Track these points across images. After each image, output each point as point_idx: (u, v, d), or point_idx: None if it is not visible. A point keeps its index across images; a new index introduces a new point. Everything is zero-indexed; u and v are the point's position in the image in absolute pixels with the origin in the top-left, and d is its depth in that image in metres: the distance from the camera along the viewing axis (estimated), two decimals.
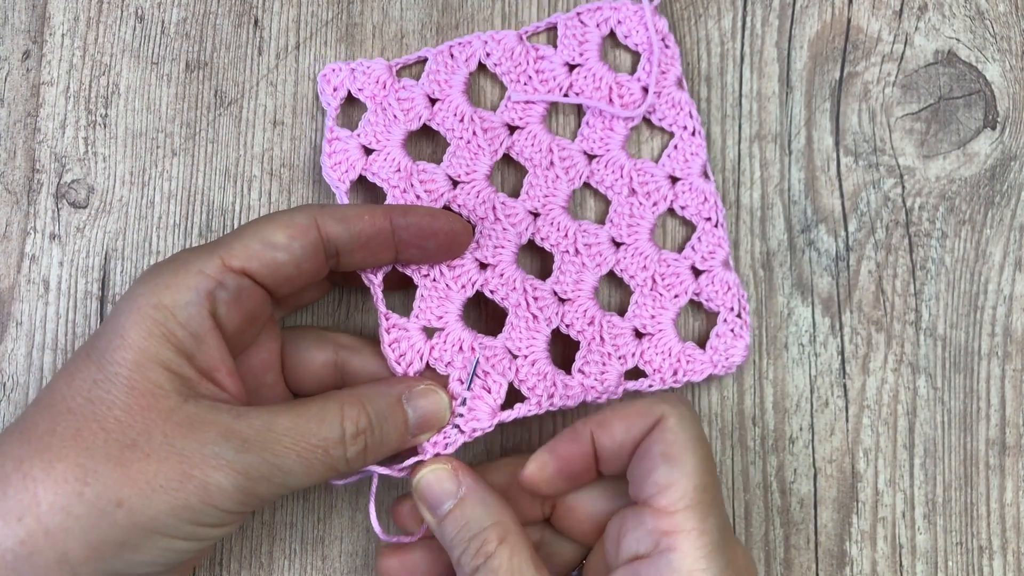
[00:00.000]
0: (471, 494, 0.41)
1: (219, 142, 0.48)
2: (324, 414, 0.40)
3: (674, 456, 0.39)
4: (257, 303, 0.41)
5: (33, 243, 0.48)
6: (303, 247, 0.41)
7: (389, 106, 0.46)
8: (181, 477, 0.37)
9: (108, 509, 0.37)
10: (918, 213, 0.48)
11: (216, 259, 0.40)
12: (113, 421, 0.38)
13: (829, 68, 0.48)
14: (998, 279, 0.47)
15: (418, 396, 0.43)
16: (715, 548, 0.38)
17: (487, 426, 0.44)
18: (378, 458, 0.41)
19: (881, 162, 0.48)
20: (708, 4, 0.48)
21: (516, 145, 0.47)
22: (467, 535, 0.40)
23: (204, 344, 0.39)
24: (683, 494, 0.38)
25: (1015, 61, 0.48)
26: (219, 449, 0.38)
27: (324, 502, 0.47)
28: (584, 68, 0.47)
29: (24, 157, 0.48)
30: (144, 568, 0.38)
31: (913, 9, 0.48)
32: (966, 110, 0.48)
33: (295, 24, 0.48)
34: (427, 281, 0.45)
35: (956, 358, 0.47)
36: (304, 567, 0.47)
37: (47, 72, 0.48)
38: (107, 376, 0.38)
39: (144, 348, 0.38)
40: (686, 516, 0.38)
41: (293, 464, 0.39)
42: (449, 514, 0.41)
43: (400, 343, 0.44)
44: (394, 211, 0.43)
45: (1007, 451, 0.47)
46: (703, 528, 0.38)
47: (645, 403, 0.40)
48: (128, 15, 0.48)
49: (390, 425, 0.41)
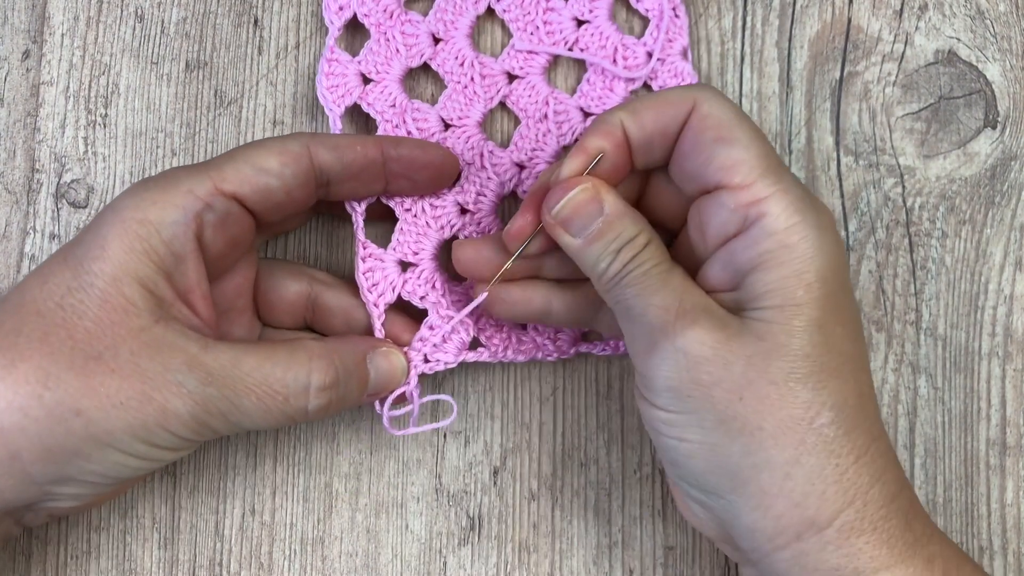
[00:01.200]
0: (616, 212, 0.39)
1: (219, 142, 0.48)
2: (291, 362, 0.40)
3: (727, 136, 0.38)
4: (243, 229, 0.41)
5: (33, 243, 0.48)
6: (295, 174, 0.41)
7: (393, 38, 0.47)
8: (141, 397, 0.38)
9: (66, 416, 0.37)
10: (918, 213, 0.48)
11: (208, 181, 0.40)
12: (82, 331, 0.38)
13: (829, 68, 0.48)
14: (998, 279, 0.47)
15: (380, 357, 0.43)
16: (801, 201, 0.37)
17: (452, 360, 0.45)
18: (335, 414, 0.42)
19: (881, 162, 0.48)
20: (708, 4, 0.48)
21: (513, 94, 0.47)
22: (616, 247, 0.39)
23: (184, 265, 0.40)
24: (752, 165, 0.37)
25: (1015, 61, 0.48)
26: (182, 377, 0.38)
27: (324, 502, 0.47)
28: (592, 25, 0.47)
29: (24, 157, 0.48)
30: (94, 477, 0.39)
31: (913, 9, 0.48)
32: (966, 110, 0.48)
33: (295, 24, 0.48)
34: (408, 216, 0.45)
35: (956, 358, 0.47)
36: (304, 567, 0.47)
37: (47, 72, 0.48)
38: (82, 285, 0.38)
39: (123, 262, 0.38)
40: (763, 183, 0.37)
41: (251, 406, 0.39)
42: (597, 233, 0.39)
43: (374, 272, 0.45)
44: (386, 142, 0.43)
45: (1007, 451, 0.47)
46: (784, 187, 0.37)
47: (673, 91, 0.39)
48: (128, 15, 0.48)
49: (354, 383, 0.42)
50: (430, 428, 0.46)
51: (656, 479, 0.47)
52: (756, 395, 0.36)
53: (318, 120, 0.48)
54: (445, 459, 0.47)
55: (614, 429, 0.47)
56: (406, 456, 0.47)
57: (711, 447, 0.37)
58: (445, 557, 0.47)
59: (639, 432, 0.47)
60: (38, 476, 0.38)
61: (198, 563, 0.47)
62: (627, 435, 0.47)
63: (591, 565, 0.47)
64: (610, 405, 0.47)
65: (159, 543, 0.47)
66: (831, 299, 0.37)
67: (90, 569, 0.47)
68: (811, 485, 0.36)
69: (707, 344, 0.36)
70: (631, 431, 0.47)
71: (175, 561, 0.47)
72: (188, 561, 0.47)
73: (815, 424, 0.36)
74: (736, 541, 0.39)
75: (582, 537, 0.47)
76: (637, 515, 0.47)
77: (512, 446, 0.47)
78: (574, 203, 0.39)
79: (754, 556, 0.38)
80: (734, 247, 0.38)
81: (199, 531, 0.47)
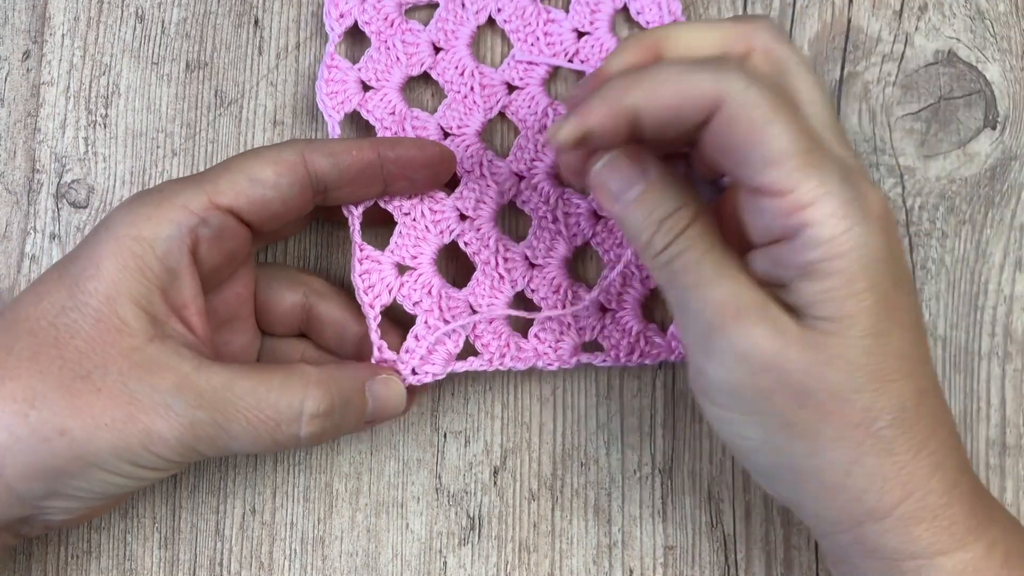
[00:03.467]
0: (659, 178, 0.37)
1: (219, 142, 0.48)
2: (286, 387, 0.39)
3: (758, 138, 0.34)
4: (239, 242, 0.41)
5: (33, 243, 0.48)
6: (291, 184, 0.41)
7: (393, 46, 0.47)
8: (127, 418, 0.37)
9: (50, 436, 0.37)
10: (918, 213, 0.48)
11: (203, 195, 0.40)
12: (73, 350, 0.38)
13: (829, 68, 0.48)
14: (998, 279, 0.47)
15: (379, 384, 0.43)
16: (848, 202, 0.34)
17: (440, 372, 0.44)
18: (329, 440, 0.41)
19: (881, 162, 0.48)
20: (708, 4, 0.48)
21: (512, 104, 0.47)
22: (658, 217, 0.37)
23: (179, 281, 0.39)
24: (792, 167, 0.34)
25: (1015, 61, 0.48)
26: (171, 399, 0.38)
27: (324, 502, 0.47)
28: (592, 37, 0.47)
29: (24, 157, 0.48)
30: (83, 493, 0.39)
31: (913, 9, 0.48)
32: (966, 110, 0.48)
33: (295, 24, 0.48)
34: (407, 220, 0.45)
35: (956, 358, 0.47)
36: (304, 567, 0.47)
37: (47, 72, 0.48)
38: (76, 304, 0.38)
39: (117, 281, 0.38)
40: (805, 187, 0.34)
41: (241, 431, 0.39)
42: (638, 199, 0.37)
43: (371, 275, 0.45)
44: (382, 144, 0.43)
45: (1007, 451, 0.47)
46: (828, 188, 0.34)
47: (695, 81, 0.35)
48: (128, 15, 0.48)
49: (351, 411, 0.41)
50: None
51: (656, 479, 0.47)
52: (815, 403, 0.35)
53: (319, 121, 0.48)
54: (445, 459, 0.47)
55: (614, 429, 0.47)
56: (406, 456, 0.47)
57: (773, 447, 0.37)
58: (445, 557, 0.47)
59: (639, 432, 0.47)
60: (24, 493, 0.38)
61: (198, 563, 0.47)
62: (627, 435, 0.47)
63: (591, 565, 0.47)
64: (610, 405, 0.47)
65: (159, 543, 0.47)
66: (885, 302, 0.35)
67: (90, 569, 0.47)
68: (870, 482, 0.36)
69: (766, 351, 0.35)
70: (631, 431, 0.47)
71: (175, 561, 0.47)
72: (188, 561, 0.47)
73: (872, 428, 0.36)
74: (800, 518, 0.40)
75: (582, 537, 0.47)
76: (637, 515, 0.47)
77: (512, 446, 0.47)
78: (615, 162, 0.37)
79: (816, 533, 0.39)
80: (780, 252, 0.35)
81: (199, 531, 0.47)
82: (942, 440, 0.37)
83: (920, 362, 0.37)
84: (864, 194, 0.35)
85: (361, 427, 0.43)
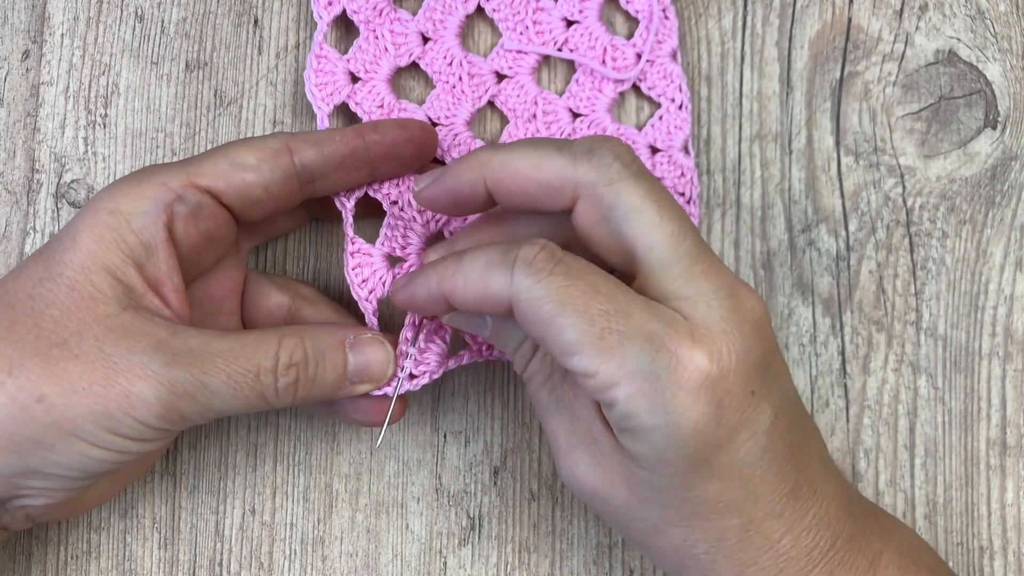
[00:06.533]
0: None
1: (219, 142, 0.48)
2: (261, 342, 0.40)
3: (550, 334, 0.36)
4: (219, 223, 0.41)
5: (33, 243, 0.48)
6: (273, 169, 0.41)
7: (381, 36, 0.47)
8: (104, 382, 0.37)
9: (28, 403, 0.37)
10: (919, 213, 0.48)
11: (182, 174, 0.40)
12: (48, 319, 0.38)
13: (830, 68, 0.48)
14: (999, 279, 0.47)
15: (363, 343, 0.42)
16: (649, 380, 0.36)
17: (436, 371, 0.44)
18: (311, 398, 0.41)
19: (882, 162, 0.48)
20: (708, 3, 0.48)
21: (502, 94, 0.47)
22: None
23: (154, 255, 0.40)
24: (587, 357, 0.36)
25: (1016, 61, 0.48)
26: (147, 359, 0.38)
27: (324, 502, 0.47)
28: (581, 26, 0.47)
29: (24, 157, 0.48)
30: (60, 470, 0.38)
31: (914, 9, 0.48)
32: (967, 110, 0.48)
33: (295, 24, 0.48)
34: (395, 209, 0.45)
35: (957, 358, 0.47)
36: (304, 567, 0.47)
37: (47, 72, 0.48)
38: (52, 275, 0.39)
39: (92, 251, 0.39)
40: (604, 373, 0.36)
41: (220, 384, 0.39)
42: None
43: (363, 268, 0.45)
44: (364, 128, 0.43)
45: (1008, 451, 0.47)
46: (625, 373, 0.36)
47: (489, 282, 0.37)
48: (128, 15, 0.48)
49: (327, 364, 0.41)
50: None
51: None
52: (639, 527, 0.39)
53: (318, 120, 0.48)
54: (445, 459, 0.47)
55: None
56: (406, 456, 0.47)
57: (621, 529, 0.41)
58: (445, 557, 0.47)
59: None
60: (2, 467, 0.38)
61: (198, 563, 0.47)
62: None
63: (591, 565, 0.47)
64: None
65: (159, 543, 0.47)
66: (704, 451, 0.36)
67: (90, 569, 0.47)
68: None
69: (591, 485, 0.39)
70: None
71: (175, 561, 0.47)
72: (188, 561, 0.47)
73: (691, 552, 0.39)
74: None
75: (582, 537, 0.47)
76: None
77: (512, 446, 0.47)
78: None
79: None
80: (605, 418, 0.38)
81: (199, 531, 0.47)
82: (775, 558, 0.38)
83: (751, 498, 0.38)
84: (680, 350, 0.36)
85: (347, 388, 0.42)
